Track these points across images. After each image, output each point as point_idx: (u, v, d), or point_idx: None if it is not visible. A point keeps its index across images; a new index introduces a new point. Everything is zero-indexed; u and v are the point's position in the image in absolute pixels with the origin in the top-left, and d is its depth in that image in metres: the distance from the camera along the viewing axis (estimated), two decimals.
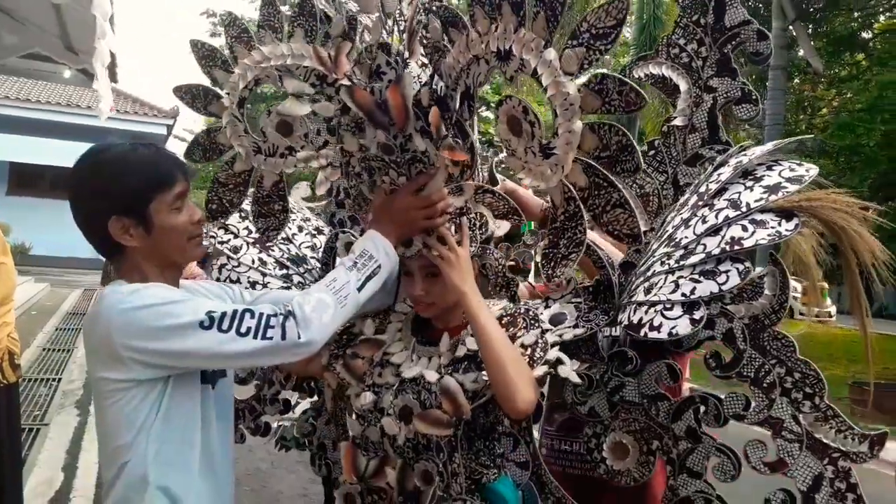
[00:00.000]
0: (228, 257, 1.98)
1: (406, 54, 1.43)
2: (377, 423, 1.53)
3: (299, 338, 1.31)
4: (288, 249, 2.00)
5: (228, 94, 1.71)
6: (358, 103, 1.41)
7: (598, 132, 1.30)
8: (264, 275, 1.97)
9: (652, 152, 1.54)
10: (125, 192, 1.37)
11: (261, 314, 1.32)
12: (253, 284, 1.94)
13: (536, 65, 1.28)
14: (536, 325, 1.51)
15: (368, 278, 1.42)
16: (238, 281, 1.94)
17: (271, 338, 1.30)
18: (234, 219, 2.02)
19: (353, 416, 1.58)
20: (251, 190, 1.81)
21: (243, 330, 1.29)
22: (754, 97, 1.42)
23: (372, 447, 1.57)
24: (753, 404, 1.40)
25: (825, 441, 1.34)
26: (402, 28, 1.49)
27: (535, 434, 1.76)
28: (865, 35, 13.83)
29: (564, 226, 1.40)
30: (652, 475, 1.53)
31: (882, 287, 1.34)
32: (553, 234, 1.43)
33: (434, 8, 1.42)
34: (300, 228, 2.20)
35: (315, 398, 2.05)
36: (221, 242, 2.01)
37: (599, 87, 1.25)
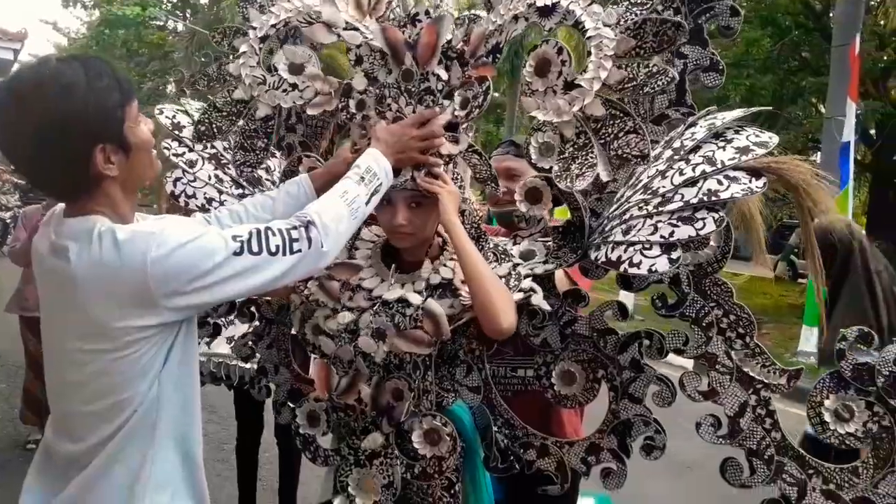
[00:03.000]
0: (184, 171, 1.91)
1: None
2: (349, 343, 1.58)
3: (322, 246, 1.31)
4: (224, 186, 1.96)
5: (255, 28, 1.74)
6: (387, 39, 1.55)
7: (625, 68, 1.46)
8: (220, 192, 1.93)
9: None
10: (102, 115, 1.22)
11: (279, 230, 1.30)
12: (209, 201, 1.90)
13: (581, 14, 1.45)
14: (507, 258, 1.62)
15: (373, 193, 1.46)
16: (194, 196, 1.89)
17: (300, 250, 1.29)
18: (186, 132, 1.96)
19: (326, 337, 1.62)
20: (240, 122, 1.82)
21: (273, 248, 1.27)
22: (721, 67, 1.57)
23: (342, 366, 1.63)
24: (692, 341, 1.59)
25: (751, 374, 1.55)
26: None
27: None
28: None
29: (574, 155, 1.53)
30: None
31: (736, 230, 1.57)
32: (562, 162, 1.54)
33: None
34: None
35: (256, 323, 2.05)
36: (176, 154, 1.93)
37: (636, 32, 1.44)
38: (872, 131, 12.72)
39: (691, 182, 1.38)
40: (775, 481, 1.52)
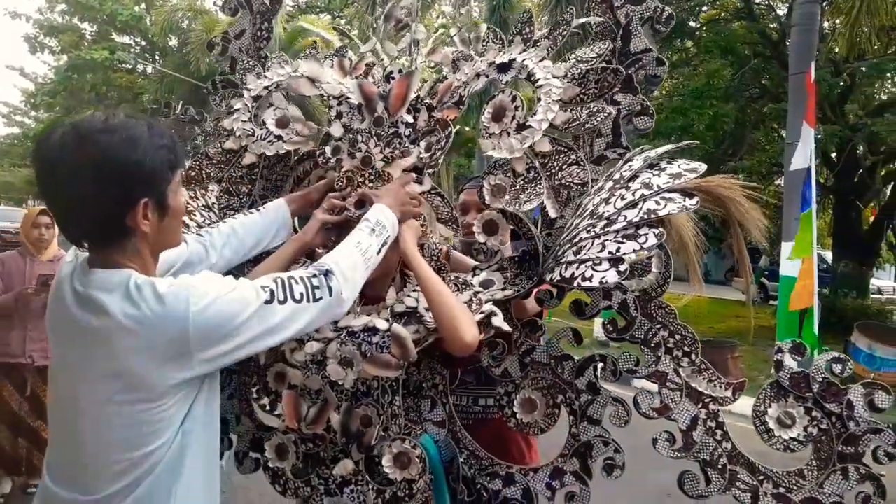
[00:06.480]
0: None
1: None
2: (318, 373, 1.62)
3: (342, 293, 1.37)
4: (209, 216, 2.05)
5: (250, 89, 1.99)
6: (363, 92, 1.77)
7: (569, 111, 1.67)
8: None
9: None
10: (154, 173, 1.26)
11: (301, 278, 1.35)
12: None
13: (534, 68, 1.68)
14: (468, 287, 1.71)
15: (383, 244, 1.57)
16: None
17: (321, 298, 1.35)
18: None
19: (293, 368, 1.66)
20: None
21: (297, 296, 1.32)
22: (651, 111, 1.76)
23: (310, 396, 1.66)
24: (643, 361, 1.69)
25: (699, 389, 1.65)
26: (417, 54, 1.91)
27: None
28: (693, 24, 14.60)
29: (525, 186, 1.71)
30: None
31: (705, 254, 1.73)
32: (514, 193, 1.72)
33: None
34: None
35: None
36: None
37: (581, 80, 1.67)
38: (833, 154, 13.00)
39: (632, 204, 1.52)
40: (730, 489, 1.60)
